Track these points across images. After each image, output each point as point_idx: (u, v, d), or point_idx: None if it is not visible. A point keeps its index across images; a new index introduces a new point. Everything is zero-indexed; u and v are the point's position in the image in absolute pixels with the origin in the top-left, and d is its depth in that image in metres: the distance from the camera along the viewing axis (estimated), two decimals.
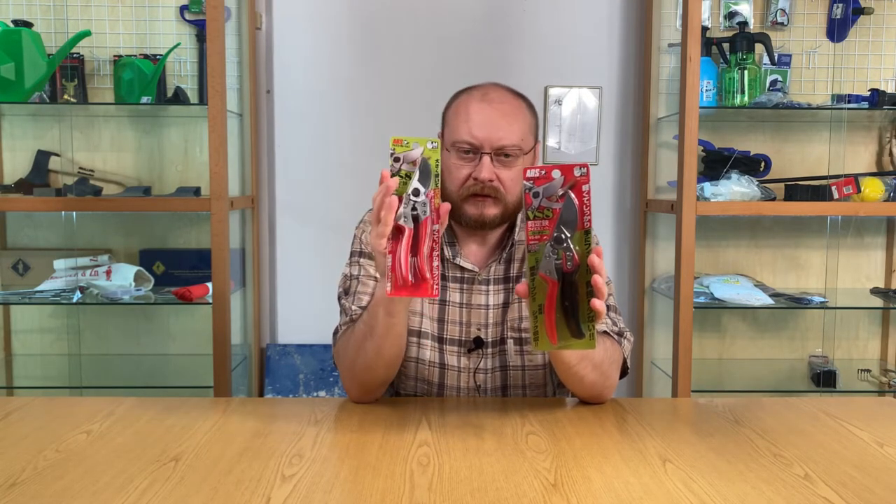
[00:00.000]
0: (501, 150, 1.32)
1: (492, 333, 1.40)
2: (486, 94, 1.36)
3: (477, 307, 1.40)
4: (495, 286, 1.41)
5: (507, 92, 1.39)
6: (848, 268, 2.64)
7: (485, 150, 1.32)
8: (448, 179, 1.36)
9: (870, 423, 1.21)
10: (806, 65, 2.57)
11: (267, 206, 2.65)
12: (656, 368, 2.62)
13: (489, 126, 1.32)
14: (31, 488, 0.94)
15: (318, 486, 0.95)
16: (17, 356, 2.60)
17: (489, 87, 1.38)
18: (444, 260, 1.42)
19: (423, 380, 1.40)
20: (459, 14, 2.59)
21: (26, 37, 2.25)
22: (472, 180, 1.33)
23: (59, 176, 2.52)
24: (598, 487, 0.95)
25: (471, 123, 1.32)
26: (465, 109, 1.34)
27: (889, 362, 2.64)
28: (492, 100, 1.35)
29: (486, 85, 1.39)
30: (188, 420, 1.20)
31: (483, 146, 1.32)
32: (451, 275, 1.41)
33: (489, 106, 1.33)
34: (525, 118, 1.37)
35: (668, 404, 1.41)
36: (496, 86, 1.39)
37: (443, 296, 1.40)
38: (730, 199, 2.33)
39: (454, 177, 1.35)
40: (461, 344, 1.40)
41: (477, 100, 1.35)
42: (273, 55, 2.61)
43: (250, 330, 2.61)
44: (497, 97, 1.36)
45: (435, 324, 1.40)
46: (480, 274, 1.41)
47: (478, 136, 1.32)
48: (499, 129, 1.32)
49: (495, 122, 1.32)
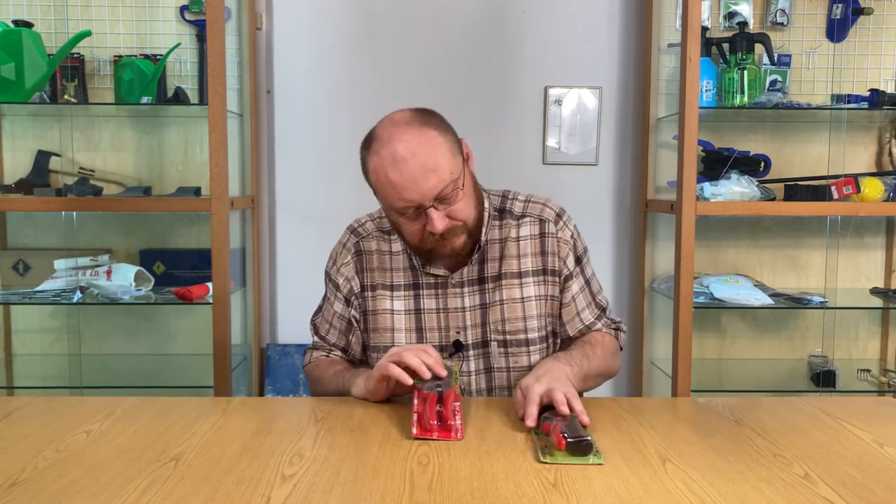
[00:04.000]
0: (439, 197, 1.26)
1: (472, 335, 1.40)
2: (394, 152, 1.25)
3: (454, 310, 1.40)
4: (469, 287, 1.40)
5: (411, 131, 1.26)
6: (848, 268, 2.64)
7: (426, 204, 1.26)
8: (406, 237, 1.35)
9: (870, 423, 1.21)
10: (806, 65, 2.57)
11: (267, 206, 2.65)
12: (656, 368, 2.63)
13: (415, 185, 1.24)
14: (31, 488, 0.94)
15: (318, 486, 0.95)
16: (17, 356, 2.60)
17: (392, 138, 1.26)
18: (414, 269, 1.42)
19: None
20: (459, 14, 2.59)
21: (26, 37, 2.25)
22: (427, 234, 1.29)
23: (59, 176, 2.52)
24: (598, 487, 0.95)
25: (398, 190, 1.25)
26: (385, 178, 1.26)
27: (889, 362, 2.64)
28: (403, 157, 1.24)
29: (387, 134, 1.28)
30: (188, 420, 1.21)
31: (422, 203, 1.26)
32: (425, 282, 1.41)
33: (405, 165, 1.24)
34: (442, 149, 1.26)
35: (667, 404, 1.41)
36: (397, 127, 1.27)
37: (417, 304, 1.41)
38: (729, 199, 2.33)
39: (411, 235, 1.32)
40: (442, 349, 1.40)
41: (389, 163, 1.25)
42: (273, 55, 2.61)
43: (250, 330, 2.61)
44: (405, 150, 1.24)
45: (413, 334, 1.41)
46: (453, 277, 1.40)
47: (410, 198, 1.25)
48: (426, 182, 1.24)
49: (419, 178, 1.24)
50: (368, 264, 1.44)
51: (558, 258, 1.41)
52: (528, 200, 1.45)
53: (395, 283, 1.42)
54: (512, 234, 1.42)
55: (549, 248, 1.41)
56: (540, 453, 1.04)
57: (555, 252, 1.41)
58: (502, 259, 1.41)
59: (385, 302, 1.42)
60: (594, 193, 2.66)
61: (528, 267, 1.41)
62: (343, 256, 1.46)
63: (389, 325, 1.41)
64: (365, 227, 1.48)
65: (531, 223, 1.42)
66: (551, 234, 1.41)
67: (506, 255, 1.41)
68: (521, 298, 1.40)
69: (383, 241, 1.45)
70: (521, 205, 1.44)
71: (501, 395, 1.41)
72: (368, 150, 1.32)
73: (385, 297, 1.42)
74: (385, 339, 1.41)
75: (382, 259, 1.44)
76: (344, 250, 1.47)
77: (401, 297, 1.41)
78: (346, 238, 1.49)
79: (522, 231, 1.42)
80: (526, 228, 1.42)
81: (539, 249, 1.41)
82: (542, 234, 1.42)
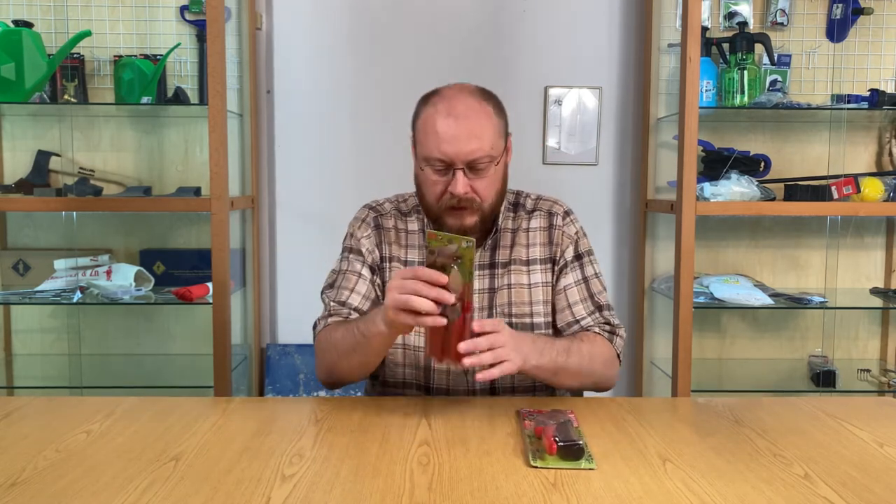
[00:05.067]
0: (473, 164, 1.33)
1: (478, 318, 1.40)
2: (451, 107, 1.33)
3: None
4: (480, 271, 1.45)
5: (472, 98, 1.35)
6: (848, 268, 2.64)
7: (457, 165, 1.32)
8: (425, 192, 1.40)
9: (870, 423, 1.21)
10: (806, 65, 2.57)
11: (267, 206, 2.65)
12: (656, 368, 2.63)
13: (458, 142, 1.31)
14: (32, 488, 0.94)
15: (318, 486, 0.95)
16: (17, 356, 2.60)
17: (454, 97, 1.35)
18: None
19: (411, 365, 1.43)
20: (459, 14, 2.59)
21: (26, 37, 2.25)
22: (448, 194, 1.35)
23: (59, 176, 2.52)
24: (598, 487, 0.95)
25: (439, 140, 1.32)
26: (433, 126, 1.33)
27: (889, 362, 2.64)
28: (458, 114, 1.32)
29: (451, 92, 1.36)
30: (188, 420, 1.21)
31: (454, 162, 1.32)
32: None
33: (455, 122, 1.32)
34: (492, 124, 1.35)
35: (667, 404, 1.41)
36: (461, 90, 1.36)
37: None
38: (729, 199, 2.33)
39: (431, 191, 1.38)
40: None
41: (443, 115, 1.32)
42: (273, 55, 2.61)
43: (250, 330, 2.61)
44: (463, 109, 1.33)
45: None
46: None
47: (448, 152, 1.32)
48: (468, 144, 1.31)
49: (463, 137, 1.31)
50: (386, 238, 1.49)
51: (560, 249, 1.48)
52: (539, 198, 1.54)
53: (410, 260, 1.47)
54: (523, 225, 1.49)
55: (555, 240, 1.48)
56: (531, 457, 1.03)
57: (559, 243, 1.48)
58: (513, 247, 1.47)
59: None
60: (594, 193, 2.66)
61: (535, 255, 1.48)
62: (363, 229, 1.49)
63: None
64: (383, 206, 1.53)
65: (541, 216, 1.50)
66: (558, 226, 1.49)
67: (516, 243, 1.48)
68: (528, 284, 1.45)
69: (400, 220, 1.51)
70: (533, 201, 1.53)
71: (504, 378, 1.39)
72: (426, 101, 1.38)
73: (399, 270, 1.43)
74: None
75: (399, 236, 1.49)
76: (363, 224, 1.50)
77: None
78: (363, 213, 1.52)
79: (533, 223, 1.49)
80: (536, 221, 1.50)
81: (547, 240, 1.49)
82: (550, 227, 1.49)
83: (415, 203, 1.51)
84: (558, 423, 1.11)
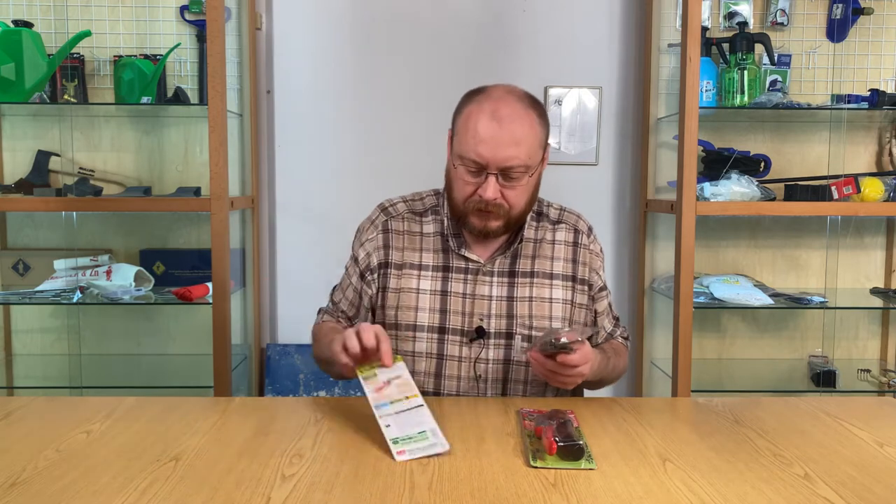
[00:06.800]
0: (507, 171, 1.31)
1: (494, 324, 1.41)
2: (496, 109, 1.30)
3: (480, 297, 1.42)
4: (499, 278, 1.43)
5: (519, 104, 1.32)
6: (848, 268, 2.64)
7: (490, 170, 1.31)
8: (454, 189, 1.38)
9: (869, 423, 1.21)
10: (806, 65, 2.57)
11: (267, 206, 2.65)
12: (656, 368, 2.63)
13: (496, 147, 1.29)
14: (32, 488, 0.94)
15: (318, 486, 0.95)
16: (17, 356, 2.60)
17: (501, 99, 1.32)
18: (448, 251, 1.44)
19: (419, 372, 1.43)
20: (459, 14, 2.59)
21: (26, 37, 2.25)
22: (477, 196, 1.33)
23: (59, 176, 2.52)
24: (598, 487, 0.95)
25: (478, 141, 1.29)
26: (475, 125, 1.30)
27: (889, 362, 2.64)
28: (502, 117, 1.29)
29: (498, 93, 1.33)
30: (188, 420, 1.21)
31: (489, 166, 1.30)
32: (455, 265, 1.44)
33: (498, 126, 1.29)
34: (534, 133, 1.32)
35: (667, 404, 1.41)
36: (509, 93, 1.34)
37: (444, 286, 1.43)
38: (729, 199, 2.33)
39: (460, 189, 1.36)
40: (463, 334, 1.41)
41: (487, 116, 1.30)
42: (273, 55, 2.61)
43: (250, 330, 2.61)
44: (508, 113, 1.30)
45: (436, 315, 1.42)
46: (485, 265, 1.43)
47: (484, 155, 1.29)
48: (506, 150, 1.29)
49: (503, 143, 1.29)
50: (395, 243, 1.47)
51: (590, 269, 1.48)
52: (562, 210, 1.52)
53: (424, 263, 1.45)
54: (548, 236, 1.47)
55: (581, 258, 1.47)
56: (531, 457, 1.03)
57: (586, 263, 1.48)
58: (535, 258, 1.46)
59: (412, 281, 1.43)
60: (594, 193, 2.66)
61: (559, 270, 1.46)
62: (369, 232, 1.49)
63: (414, 304, 1.42)
64: (396, 207, 1.51)
65: (566, 230, 1.49)
66: (584, 245, 1.48)
67: (539, 254, 1.46)
68: (549, 299, 1.44)
69: (414, 222, 1.48)
70: (557, 212, 1.51)
71: (516, 388, 1.42)
72: (471, 99, 1.36)
73: (412, 276, 1.44)
74: (408, 317, 1.42)
75: (412, 240, 1.47)
76: (371, 226, 1.50)
77: (428, 277, 1.43)
78: (375, 215, 1.51)
79: (558, 235, 1.48)
80: (561, 234, 1.48)
81: (571, 257, 1.47)
82: (575, 244, 1.48)
83: (432, 203, 1.49)
84: (558, 423, 1.11)
